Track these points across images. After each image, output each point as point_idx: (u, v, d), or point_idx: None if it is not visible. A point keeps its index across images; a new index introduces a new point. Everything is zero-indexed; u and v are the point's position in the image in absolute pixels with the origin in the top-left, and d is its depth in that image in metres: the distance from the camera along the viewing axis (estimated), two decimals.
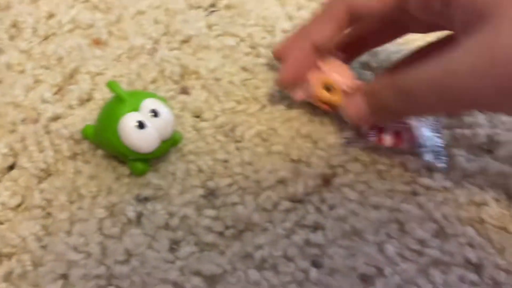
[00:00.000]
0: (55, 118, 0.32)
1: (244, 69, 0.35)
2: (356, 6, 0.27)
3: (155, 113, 0.27)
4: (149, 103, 0.27)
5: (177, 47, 0.35)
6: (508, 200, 0.30)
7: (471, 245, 0.29)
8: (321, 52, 0.29)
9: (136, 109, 0.27)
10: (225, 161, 0.31)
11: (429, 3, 0.25)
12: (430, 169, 0.31)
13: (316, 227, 0.29)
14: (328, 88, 0.29)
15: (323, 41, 0.28)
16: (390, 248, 0.28)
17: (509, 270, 0.28)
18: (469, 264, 0.28)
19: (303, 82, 0.30)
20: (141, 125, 0.27)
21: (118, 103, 0.27)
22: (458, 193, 0.30)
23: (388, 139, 0.30)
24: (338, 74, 0.30)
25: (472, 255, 0.28)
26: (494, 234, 0.29)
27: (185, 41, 0.36)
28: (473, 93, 0.23)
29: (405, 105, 0.26)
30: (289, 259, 0.27)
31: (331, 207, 0.29)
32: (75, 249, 0.27)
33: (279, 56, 0.31)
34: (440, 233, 0.29)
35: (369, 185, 0.30)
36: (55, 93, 0.33)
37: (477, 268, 0.28)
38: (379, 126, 0.30)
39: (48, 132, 0.31)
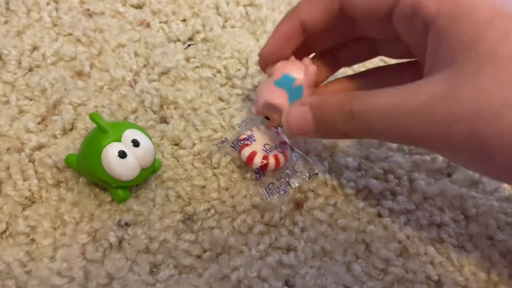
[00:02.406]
0: (39, 147, 0.33)
1: (220, 99, 0.37)
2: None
3: (135, 143, 0.29)
4: (130, 134, 0.29)
5: (156, 79, 0.37)
6: (465, 221, 0.33)
7: (432, 263, 0.31)
8: (308, 33, 0.28)
9: (117, 139, 0.28)
10: (203, 187, 0.32)
11: (412, 22, 0.24)
12: (393, 193, 0.33)
13: (288, 249, 0.31)
14: (269, 109, 0.29)
15: (312, 21, 0.27)
16: (358, 268, 0.30)
17: (467, 286, 0.30)
18: (430, 281, 0.30)
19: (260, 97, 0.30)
20: (122, 155, 0.28)
21: (101, 134, 0.28)
22: (420, 214, 0.32)
23: (245, 154, 0.31)
24: (296, 69, 0.29)
25: (433, 272, 0.30)
26: (453, 253, 0.31)
27: (164, 72, 0.38)
28: (422, 137, 0.22)
29: (354, 129, 0.25)
30: (263, 279, 0.29)
31: (303, 230, 0.31)
32: (59, 274, 0.28)
33: (265, 59, 0.30)
34: (404, 253, 0.31)
35: (337, 208, 0.32)
36: (39, 123, 0.34)
37: (437, 285, 0.30)
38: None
39: (32, 161, 0.32)
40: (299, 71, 0.29)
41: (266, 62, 0.30)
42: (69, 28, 0.40)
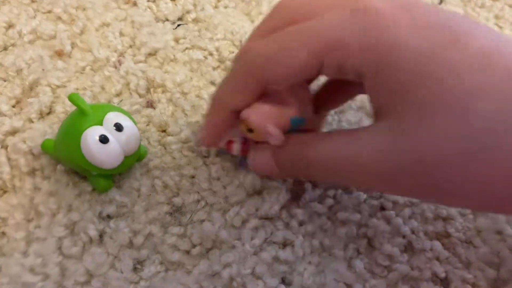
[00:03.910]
0: (13, 132, 0.30)
1: (212, 83, 0.34)
2: (271, 79, 0.24)
3: (118, 127, 0.26)
4: (112, 117, 0.26)
5: (143, 60, 0.35)
6: (473, 214, 0.31)
7: (438, 259, 0.29)
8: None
9: (99, 123, 0.26)
10: (192, 176, 0.30)
11: (345, 75, 0.23)
12: None
13: (285, 244, 0.28)
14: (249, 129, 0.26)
15: (242, 106, 0.25)
16: (359, 264, 0.28)
17: (475, 284, 0.28)
18: (436, 278, 0.28)
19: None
20: (104, 140, 0.25)
21: (80, 116, 0.26)
22: (425, 207, 0.30)
23: (236, 149, 0.29)
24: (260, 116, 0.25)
25: (439, 269, 0.28)
26: (461, 248, 0.29)
27: (152, 54, 0.35)
28: (373, 186, 0.24)
29: (309, 176, 0.26)
30: (257, 276, 0.27)
31: (301, 223, 0.29)
32: (32, 270, 0.25)
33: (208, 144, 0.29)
34: (408, 248, 0.29)
35: (337, 200, 0.30)
36: (13, 106, 0.31)
37: (444, 282, 0.28)
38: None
39: (4, 147, 0.29)
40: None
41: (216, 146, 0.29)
42: (49, 4, 0.37)
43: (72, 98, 0.26)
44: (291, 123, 0.25)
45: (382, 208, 0.30)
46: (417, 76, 0.20)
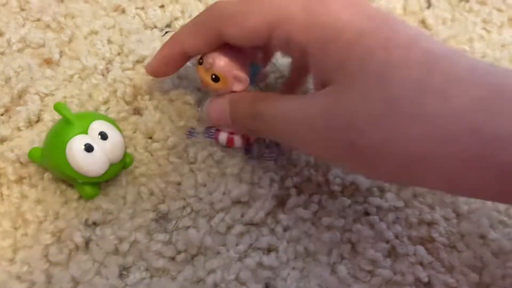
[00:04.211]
0: (1, 140, 0.30)
1: (199, 89, 0.35)
2: (225, 34, 0.26)
3: (103, 136, 0.27)
4: (97, 126, 0.27)
5: (130, 67, 0.35)
6: (456, 219, 0.31)
7: (422, 264, 0.29)
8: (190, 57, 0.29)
9: (84, 131, 0.26)
10: (178, 183, 0.30)
11: (289, 52, 0.26)
12: (381, 189, 0.31)
13: (269, 249, 0.29)
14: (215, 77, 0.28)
15: (193, 50, 0.28)
16: (343, 269, 0.28)
17: None
18: (419, 282, 0.29)
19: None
20: (89, 148, 0.26)
21: (66, 125, 0.26)
22: (409, 212, 0.31)
23: (223, 139, 0.30)
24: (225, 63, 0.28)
25: (422, 274, 0.29)
26: (444, 253, 0.30)
27: (139, 61, 0.35)
28: (310, 146, 0.25)
29: (258, 129, 0.27)
30: (242, 282, 0.27)
31: (285, 229, 0.29)
32: (18, 278, 0.26)
33: (151, 74, 0.32)
34: (392, 253, 0.29)
35: (322, 205, 0.30)
36: (2, 114, 0.32)
37: (427, 286, 0.29)
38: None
39: None
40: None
41: (153, 76, 0.32)
42: (38, 13, 0.37)
43: (58, 107, 0.26)
44: (251, 69, 0.28)
45: (366, 213, 0.31)
46: (350, 49, 0.22)
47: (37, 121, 0.32)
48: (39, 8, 0.37)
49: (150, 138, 0.32)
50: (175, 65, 0.30)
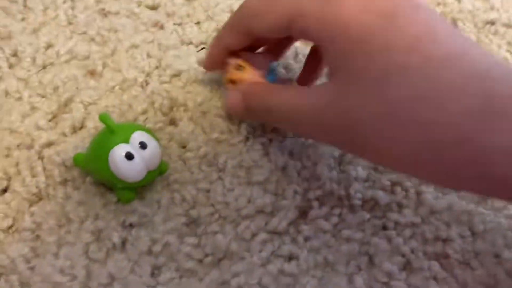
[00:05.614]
0: (49, 144, 0.33)
1: None
2: (253, 28, 0.30)
3: (143, 145, 0.29)
4: (138, 136, 0.29)
5: (167, 81, 0.37)
6: (472, 237, 0.32)
7: (435, 278, 0.30)
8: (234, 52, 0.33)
9: (126, 141, 0.29)
10: (207, 190, 0.32)
11: (307, 37, 0.28)
12: (400, 205, 0.33)
13: (291, 257, 0.31)
14: (239, 67, 0.32)
15: (235, 45, 0.32)
16: (360, 280, 0.30)
17: None
18: None
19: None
20: (129, 156, 0.28)
21: (109, 134, 0.29)
22: (426, 228, 0.32)
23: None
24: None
25: None
26: (458, 270, 0.31)
27: (176, 75, 0.38)
28: (314, 136, 0.30)
29: (268, 120, 0.31)
30: (263, 287, 0.29)
31: (306, 239, 0.31)
32: (62, 271, 0.28)
33: (209, 69, 0.37)
34: (407, 267, 0.31)
35: (342, 218, 0.32)
36: (50, 121, 0.34)
37: None
38: None
39: (41, 158, 0.32)
40: None
41: (207, 70, 0.37)
42: (84, 27, 0.40)
43: (103, 117, 0.29)
44: (269, 68, 0.33)
45: (384, 228, 0.32)
46: (355, 48, 0.24)
47: (81, 127, 0.35)
48: (85, 23, 0.40)
49: (184, 147, 0.34)
50: (221, 60, 0.34)
